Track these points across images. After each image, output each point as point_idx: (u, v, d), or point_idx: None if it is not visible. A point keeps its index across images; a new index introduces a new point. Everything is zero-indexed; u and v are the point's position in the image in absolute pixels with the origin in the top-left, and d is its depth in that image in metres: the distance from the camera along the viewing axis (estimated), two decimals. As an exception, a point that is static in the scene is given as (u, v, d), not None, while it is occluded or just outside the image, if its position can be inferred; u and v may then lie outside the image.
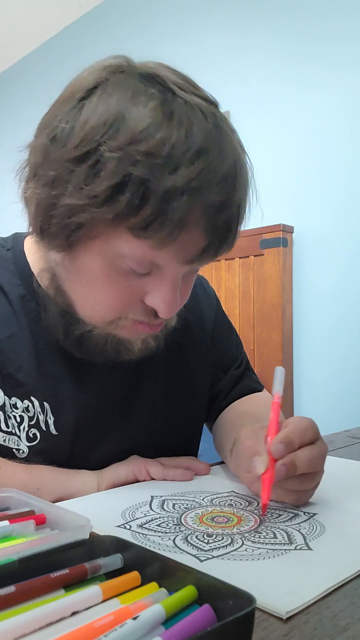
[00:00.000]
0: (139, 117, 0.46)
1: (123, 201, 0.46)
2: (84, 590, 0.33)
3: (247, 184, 0.54)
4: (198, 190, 0.47)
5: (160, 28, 2.60)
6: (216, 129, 0.49)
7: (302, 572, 0.40)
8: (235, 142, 0.53)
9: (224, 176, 0.49)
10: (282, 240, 1.96)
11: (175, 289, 0.54)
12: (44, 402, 0.63)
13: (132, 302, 0.56)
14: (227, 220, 0.50)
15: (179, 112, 0.47)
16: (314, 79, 1.98)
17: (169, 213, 0.46)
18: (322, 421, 2.16)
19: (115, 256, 0.52)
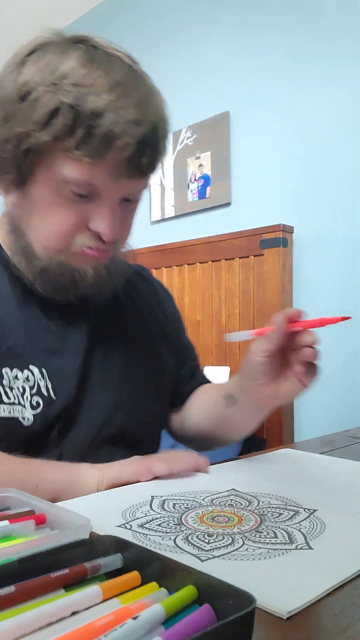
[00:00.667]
0: (68, 62, 0.59)
1: (58, 124, 0.58)
2: (84, 590, 0.33)
3: (161, 111, 0.65)
4: (117, 109, 0.58)
5: (160, 28, 2.60)
6: (131, 70, 0.62)
7: (302, 571, 0.40)
8: (148, 80, 0.65)
9: (140, 100, 0.60)
10: (282, 240, 1.96)
11: (114, 212, 0.64)
12: (42, 369, 0.68)
13: (78, 229, 0.65)
14: (144, 134, 0.60)
15: (100, 58, 0.60)
16: (314, 79, 1.98)
17: (96, 129, 0.57)
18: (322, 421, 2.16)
19: (59, 183, 0.62)
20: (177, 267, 2.37)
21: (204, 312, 2.25)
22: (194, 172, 2.42)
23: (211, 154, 2.34)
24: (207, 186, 2.36)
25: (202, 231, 2.35)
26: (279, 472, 0.70)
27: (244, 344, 2.09)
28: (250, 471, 0.70)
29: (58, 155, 0.60)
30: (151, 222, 2.65)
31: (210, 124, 2.34)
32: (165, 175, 2.57)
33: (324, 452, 0.82)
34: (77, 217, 0.64)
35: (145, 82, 0.64)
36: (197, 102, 2.42)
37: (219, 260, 2.18)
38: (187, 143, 2.45)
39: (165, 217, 2.57)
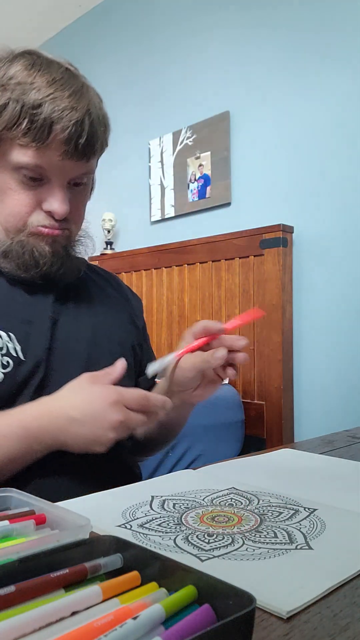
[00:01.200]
0: (13, 67, 0.71)
1: (6, 115, 0.69)
2: (84, 590, 0.33)
3: (95, 101, 0.74)
4: (54, 99, 0.69)
5: (160, 29, 2.60)
6: (67, 71, 0.73)
7: (302, 571, 0.40)
8: (84, 80, 0.75)
9: (73, 91, 0.71)
10: (282, 240, 1.96)
11: (62, 192, 0.73)
12: (9, 333, 0.74)
13: (33, 208, 0.74)
14: (79, 118, 0.70)
15: (40, 63, 0.72)
16: (314, 79, 1.98)
17: (37, 117, 0.68)
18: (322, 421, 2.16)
19: (13, 170, 0.71)
20: (177, 267, 2.37)
21: (204, 312, 2.25)
22: (194, 172, 2.42)
23: (211, 154, 2.34)
24: (207, 186, 2.36)
25: (202, 231, 2.35)
26: (279, 471, 0.70)
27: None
28: (250, 470, 0.71)
29: (9, 144, 0.70)
30: (151, 222, 2.65)
31: (210, 124, 2.34)
32: (165, 175, 2.57)
33: (324, 452, 0.82)
34: (31, 199, 0.73)
35: (79, 80, 0.74)
36: (197, 102, 2.42)
37: (219, 260, 2.18)
38: (187, 143, 2.45)
39: (165, 217, 2.57)
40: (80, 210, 0.80)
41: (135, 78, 2.74)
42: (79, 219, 0.80)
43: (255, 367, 2.06)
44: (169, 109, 2.57)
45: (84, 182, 0.77)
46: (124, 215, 2.77)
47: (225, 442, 1.91)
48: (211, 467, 0.73)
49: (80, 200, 0.79)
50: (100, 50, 2.91)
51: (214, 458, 0.76)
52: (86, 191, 0.80)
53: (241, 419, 1.99)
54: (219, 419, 1.88)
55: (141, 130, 2.67)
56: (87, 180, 0.78)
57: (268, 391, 1.99)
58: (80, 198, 0.79)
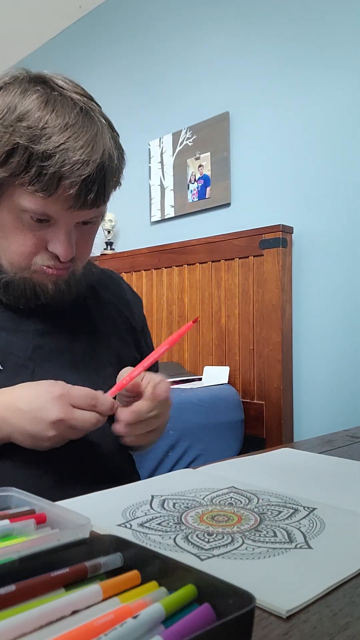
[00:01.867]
0: (25, 105, 0.65)
1: (14, 163, 0.65)
2: (84, 589, 0.33)
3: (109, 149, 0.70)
4: (66, 151, 0.64)
5: (160, 30, 2.60)
6: (82, 111, 0.68)
7: (302, 571, 0.40)
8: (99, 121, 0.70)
9: (86, 142, 0.66)
10: (281, 241, 1.96)
11: (68, 237, 0.71)
12: None
13: (38, 250, 0.72)
14: (90, 174, 0.66)
15: (53, 101, 0.66)
16: (314, 79, 1.98)
17: (46, 169, 0.64)
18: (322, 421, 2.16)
19: (19, 211, 0.69)
20: (177, 267, 2.37)
21: (204, 312, 2.25)
22: (194, 172, 2.42)
23: (211, 155, 2.34)
24: (207, 187, 2.36)
25: (202, 231, 2.35)
26: (278, 471, 0.70)
27: (243, 344, 2.09)
28: (250, 470, 0.71)
29: (16, 188, 0.67)
30: (151, 223, 2.65)
31: (210, 124, 2.34)
32: (165, 175, 2.57)
33: (323, 451, 0.82)
34: (36, 240, 0.71)
35: (94, 122, 0.69)
36: (196, 102, 2.42)
37: (219, 261, 2.18)
38: (187, 144, 2.45)
39: (165, 217, 2.57)
40: (87, 247, 0.78)
41: (135, 79, 2.74)
42: (85, 256, 0.78)
43: (255, 367, 2.06)
44: (168, 110, 2.57)
45: (92, 222, 0.75)
46: (124, 216, 2.77)
47: (225, 441, 1.91)
48: (211, 467, 0.73)
49: (89, 236, 0.77)
50: (100, 52, 2.91)
51: (214, 457, 0.76)
52: (96, 227, 0.78)
53: (241, 419, 1.99)
54: (218, 419, 1.88)
55: (141, 131, 2.67)
56: (98, 218, 0.76)
57: (267, 391, 1.99)
58: (89, 234, 0.77)
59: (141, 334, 0.95)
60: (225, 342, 2.17)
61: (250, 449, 1.98)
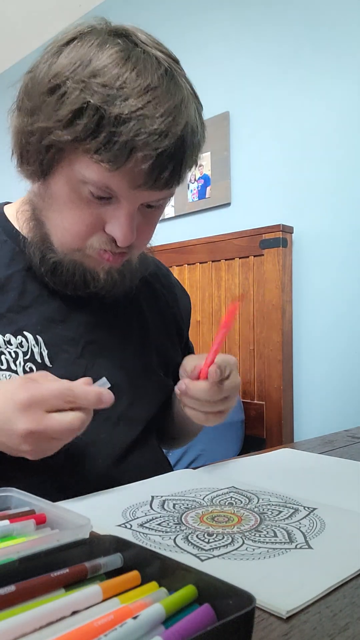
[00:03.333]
0: (101, 59, 0.56)
1: (81, 124, 0.55)
2: (84, 589, 0.33)
3: (193, 121, 0.60)
4: (143, 118, 0.55)
5: (160, 29, 2.60)
6: (167, 74, 0.58)
7: (302, 571, 0.40)
8: (185, 88, 0.61)
9: (168, 110, 0.56)
10: (281, 241, 1.96)
11: (130, 219, 0.62)
12: (37, 336, 0.67)
13: (95, 230, 0.63)
14: (168, 148, 0.57)
15: (135, 57, 0.57)
16: (314, 78, 1.98)
17: (118, 136, 0.55)
18: (322, 421, 2.16)
19: (78, 182, 0.60)
20: (177, 267, 2.37)
21: (204, 312, 2.25)
22: (194, 172, 2.42)
23: (211, 154, 2.34)
24: (207, 186, 2.36)
25: (202, 231, 2.35)
26: (278, 471, 0.70)
27: (243, 344, 2.09)
28: (250, 470, 0.71)
29: (79, 155, 0.58)
30: (151, 222, 2.65)
31: (210, 124, 2.33)
32: (165, 175, 2.57)
33: (324, 451, 0.82)
34: (93, 219, 0.62)
35: (180, 89, 0.59)
36: (197, 102, 2.42)
37: (219, 261, 2.18)
38: (187, 143, 2.45)
39: (165, 217, 2.57)
40: (149, 232, 0.69)
41: (135, 78, 2.74)
42: (143, 244, 0.70)
43: (255, 367, 2.06)
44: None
45: (160, 204, 0.66)
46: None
47: (225, 441, 1.91)
48: (211, 467, 0.73)
49: (152, 222, 0.68)
50: (100, 51, 2.91)
51: (214, 458, 0.76)
52: (161, 211, 0.69)
53: (241, 419, 1.99)
54: (218, 419, 1.88)
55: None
56: (164, 202, 0.67)
57: (268, 391, 1.99)
58: (153, 219, 0.68)
59: (187, 332, 0.90)
60: (225, 342, 2.17)
61: (251, 449, 1.98)
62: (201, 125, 0.63)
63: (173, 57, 0.63)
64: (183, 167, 0.60)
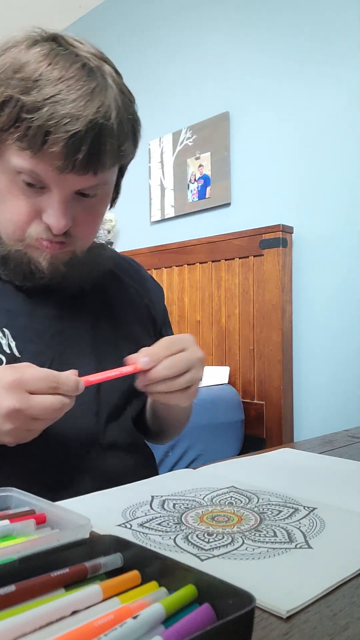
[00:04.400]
0: (25, 57, 0.61)
1: (4, 116, 0.61)
2: (84, 589, 0.33)
3: (109, 109, 0.62)
4: (55, 103, 0.59)
5: (160, 29, 2.60)
6: (85, 67, 0.62)
7: (302, 571, 0.40)
8: (103, 78, 0.64)
9: (81, 96, 0.60)
10: (281, 241, 1.96)
11: (63, 205, 0.65)
12: (3, 329, 0.70)
13: (32, 219, 0.66)
14: (80, 130, 0.59)
15: (55, 54, 0.61)
16: (314, 78, 1.98)
17: (34, 122, 0.59)
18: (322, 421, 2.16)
19: (13, 173, 0.64)
20: (177, 267, 2.37)
21: (203, 312, 2.25)
22: (194, 172, 2.42)
23: (211, 154, 2.34)
24: (207, 186, 2.36)
25: (202, 231, 2.35)
26: (278, 470, 0.70)
27: (243, 344, 2.09)
28: (250, 470, 0.71)
29: (8, 147, 0.63)
30: (151, 222, 2.65)
31: (210, 124, 2.34)
32: (165, 175, 2.57)
33: (323, 451, 0.82)
34: (30, 208, 0.66)
35: (94, 78, 0.62)
36: (196, 102, 2.42)
37: (219, 261, 2.18)
38: (187, 143, 2.45)
39: (165, 217, 2.57)
40: (89, 225, 0.71)
41: (135, 78, 2.73)
42: (87, 234, 0.71)
43: (255, 367, 2.06)
44: (168, 110, 2.57)
45: (96, 194, 0.68)
46: (124, 216, 2.77)
47: (225, 441, 1.91)
48: (211, 467, 0.73)
49: (91, 213, 0.70)
50: (100, 51, 2.91)
51: (214, 458, 0.76)
52: (100, 203, 0.71)
53: (241, 419, 1.99)
54: (219, 419, 1.88)
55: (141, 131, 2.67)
56: (102, 191, 0.69)
57: (268, 391, 1.99)
58: (91, 211, 0.70)
59: (163, 325, 0.91)
60: (225, 342, 2.17)
61: (250, 449, 1.98)
62: (126, 115, 0.65)
63: (101, 56, 0.67)
64: (101, 152, 0.62)
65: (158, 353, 0.63)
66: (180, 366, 0.63)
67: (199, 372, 0.66)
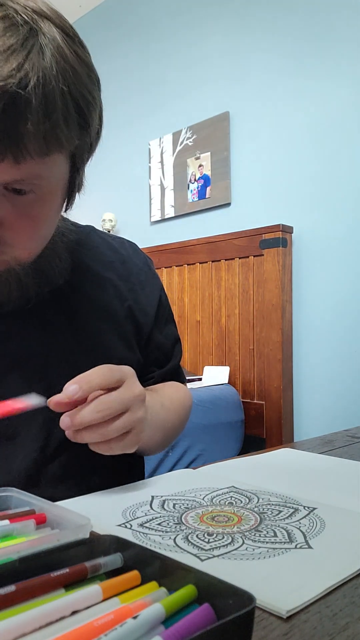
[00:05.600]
0: None
1: None
2: (84, 589, 0.33)
3: (26, 75, 0.47)
4: None
5: (160, 29, 2.60)
6: (6, 19, 0.48)
7: (302, 571, 0.40)
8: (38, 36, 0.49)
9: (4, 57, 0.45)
10: (281, 241, 1.96)
11: None
12: None
13: None
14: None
15: None
16: (314, 79, 1.98)
17: None
18: (322, 421, 2.17)
19: None
20: (177, 267, 2.37)
21: (204, 312, 2.25)
22: (194, 172, 2.42)
23: (211, 155, 2.34)
24: (207, 186, 2.36)
25: (202, 231, 2.35)
26: (278, 470, 0.70)
27: (243, 344, 2.09)
28: (250, 470, 0.71)
29: None
30: (151, 222, 2.65)
31: (210, 124, 2.34)
32: (165, 175, 2.57)
33: (323, 451, 0.82)
34: None
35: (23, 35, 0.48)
36: (196, 102, 2.42)
37: (219, 260, 2.18)
38: (187, 143, 2.45)
39: (165, 217, 2.57)
40: (26, 230, 0.56)
41: (135, 78, 2.73)
42: (25, 241, 0.57)
43: (255, 367, 2.06)
44: (169, 110, 2.57)
45: (31, 190, 0.53)
46: (124, 216, 2.77)
47: (225, 441, 1.91)
48: (211, 467, 0.73)
49: (27, 214, 0.55)
50: (100, 51, 2.91)
51: (214, 457, 0.76)
52: (39, 203, 0.55)
53: (241, 419, 1.99)
54: (219, 419, 1.88)
55: (141, 131, 2.67)
56: (39, 188, 0.54)
57: (268, 391, 1.99)
58: (27, 212, 0.55)
59: (154, 324, 0.78)
60: (225, 342, 2.17)
61: (250, 449, 1.98)
62: (64, 87, 0.50)
63: (44, 14, 0.51)
64: (20, 132, 0.47)
65: (90, 381, 0.53)
66: (114, 407, 0.53)
67: (137, 411, 0.56)
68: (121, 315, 0.74)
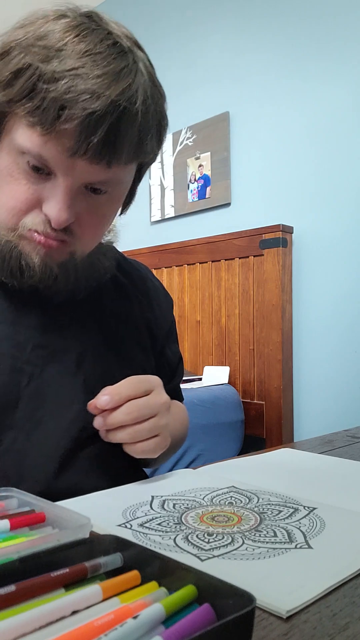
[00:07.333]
0: (53, 27, 0.55)
1: (17, 85, 0.54)
2: (84, 589, 0.33)
3: (136, 93, 0.55)
4: (76, 77, 0.52)
5: (160, 30, 2.60)
6: (116, 46, 0.55)
7: (302, 571, 0.40)
8: (134, 61, 0.57)
9: (106, 73, 0.53)
10: (281, 241, 1.96)
11: (67, 196, 0.58)
12: None
13: (31, 207, 0.59)
14: (98, 110, 0.53)
15: (83, 28, 0.55)
16: (314, 78, 1.98)
17: (50, 93, 0.52)
18: (322, 421, 2.17)
19: (17, 153, 0.57)
20: (177, 267, 2.37)
21: (204, 312, 2.25)
22: (194, 172, 2.42)
23: (211, 155, 2.34)
24: (207, 186, 2.36)
25: (202, 231, 2.35)
26: (278, 470, 0.70)
27: (243, 344, 2.09)
28: (250, 470, 0.71)
29: (17, 121, 0.56)
30: (151, 223, 2.65)
31: (210, 124, 2.34)
32: (165, 175, 2.57)
33: (323, 451, 0.82)
34: (30, 194, 0.58)
35: (126, 58, 0.55)
36: (197, 102, 2.42)
37: (219, 261, 2.18)
38: (187, 143, 2.45)
39: (165, 217, 2.57)
40: (94, 226, 0.63)
41: (135, 78, 2.74)
42: (90, 236, 0.63)
43: (255, 367, 2.06)
44: (168, 110, 2.57)
45: (107, 191, 0.61)
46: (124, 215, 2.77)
47: (225, 441, 1.91)
48: (211, 467, 0.73)
49: (98, 212, 0.62)
50: (100, 51, 2.92)
51: (214, 458, 0.76)
52: (110, 203, 0.63)
53: (241, 419, 1.99)
54: (219, 419, 1.88)
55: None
56: (114, 190, 0.61)
57: (268, 391, 1.99)
58: (99, 209, 0.62)
59: (166, 341, 0.83)
60: (226, 342, 2.17)
61: (250, 449, 1.98)
62: (154, 106, 0.58)
63: (134, 40, 0.59)
64: (118, 139, 0.55)
65: (120, 392, 0.58)
66: (142, 411, 0.59)
67: (162, 418, 0.61)
68: (141, 325, 0.78)
